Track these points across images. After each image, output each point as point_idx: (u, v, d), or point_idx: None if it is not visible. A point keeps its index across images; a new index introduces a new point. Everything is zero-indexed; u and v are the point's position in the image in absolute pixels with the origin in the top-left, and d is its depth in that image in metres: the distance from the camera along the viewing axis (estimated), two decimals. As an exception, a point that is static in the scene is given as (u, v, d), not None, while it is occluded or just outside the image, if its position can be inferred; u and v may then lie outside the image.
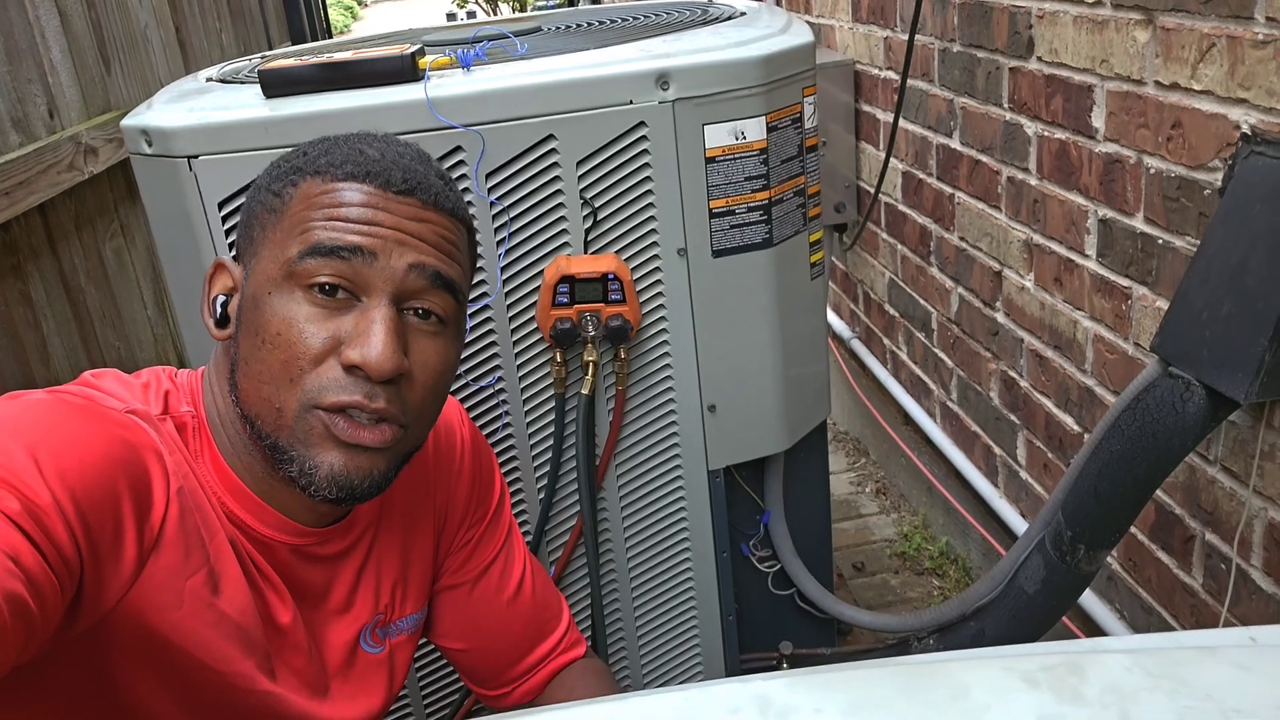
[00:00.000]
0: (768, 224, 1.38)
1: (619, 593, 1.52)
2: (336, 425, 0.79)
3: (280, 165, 0.85)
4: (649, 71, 1.28)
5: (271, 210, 0.82)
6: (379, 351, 0.77)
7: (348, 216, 0.79)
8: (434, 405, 0.86)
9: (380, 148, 0.83)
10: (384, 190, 0.80)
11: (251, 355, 0.80)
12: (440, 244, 0.83)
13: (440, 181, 0.84)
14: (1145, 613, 1.62)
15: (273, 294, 0.79)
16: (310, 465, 0.79)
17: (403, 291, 0.80)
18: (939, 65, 2.08)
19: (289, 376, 0.78)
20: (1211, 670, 0.50)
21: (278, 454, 0.80)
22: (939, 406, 2.33)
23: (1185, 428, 1.21)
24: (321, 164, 0.82)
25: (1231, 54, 1.25)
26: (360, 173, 0.80)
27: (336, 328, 0.79)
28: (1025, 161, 1.79)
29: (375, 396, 0.79)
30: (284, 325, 0.78)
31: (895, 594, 2.32)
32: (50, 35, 2.08)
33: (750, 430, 1.47)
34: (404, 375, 0.81)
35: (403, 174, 0.81)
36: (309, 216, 0.80)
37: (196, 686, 0.79)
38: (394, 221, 0.80)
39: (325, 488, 0.79)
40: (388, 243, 0.79)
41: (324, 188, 0.81)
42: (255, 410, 0.80)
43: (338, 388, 0.78)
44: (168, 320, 2.49)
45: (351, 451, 0.79)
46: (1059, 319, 1.75)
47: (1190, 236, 1.38)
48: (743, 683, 0.51)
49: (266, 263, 0.81)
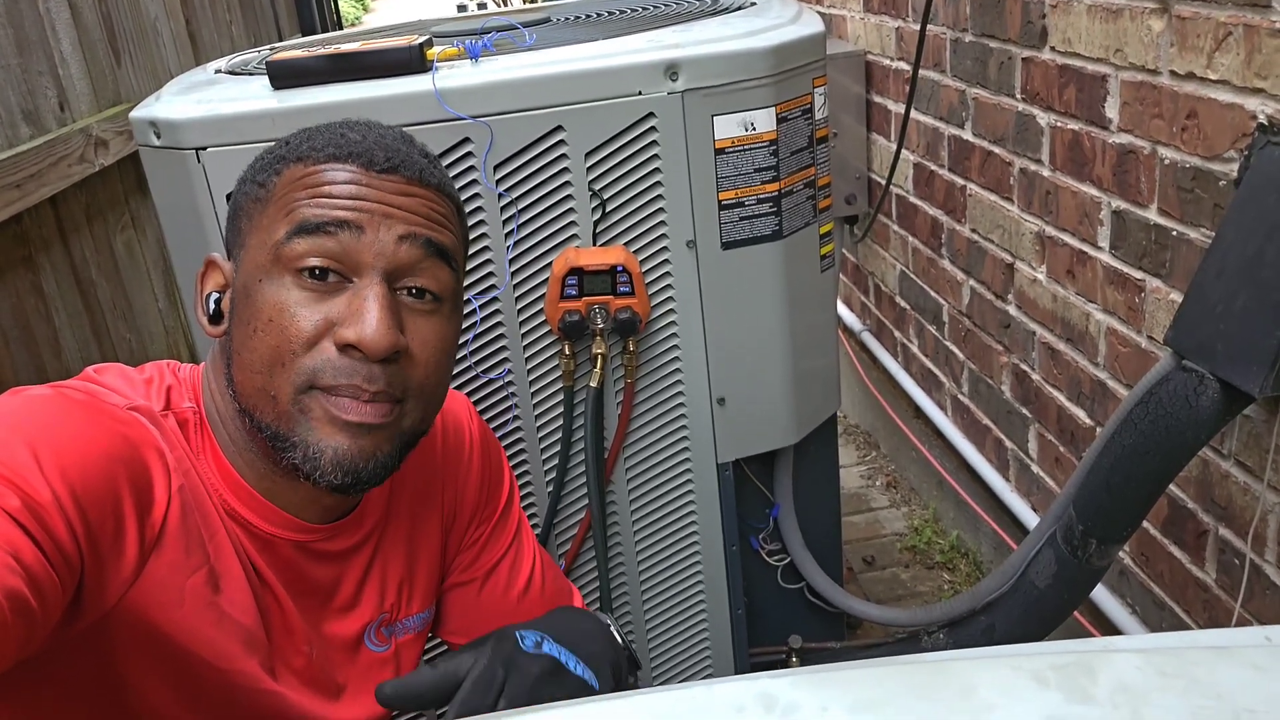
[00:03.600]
0: (777, 216, 1.37)
1: (628, 586, 1.52)
2: (336, 404, 0.77)
3: (264, 157, 0.84)
4: (658, 62, 1.27)
5: (257, 200, 0.82)
6: (373, 329, 0.76)
7: (332, 194, 0.79)
8: (437, 384, 0.85)
9: (362, 130, 0.83)
10: (367, 169, 0.80)
11: (244, 345, 0.79)
12: (430, 214, 0.82)
13: (424, 159, 0.84)
14: (1158, 608, 1.61)
15: (263, 281, 0.78)
16: (314, 450, 0.78)
17: (395, 267, 0.79)
18: (951, 55, 2.06)
19: (282, 361, 0.77)
20: (1225, 670, 0.49)
21: (279, 442, 0.79)
22: (950, 399, 2.32)
23: (1199, 422, 1.19)
24: (304, 150, 0.81)
25: (1248, 43, 1.24)
26: (343, 154, 0.80)
27: (329, 309, 0.78)
28: (1038, 153, 1.78)
29: (374, 379, 0.78)
30: (275, 311, 0.77)
31: (905, 588, 2.31)
32: (60, 27, 2.08)
33: (760, 423, 1.46)
34: (403, 354, 0.79)
35: (385, 153, 0.81)
36: (294, 198, 0.79)
37: (198, 684, 0.79)
38: (379, 196, 0.79)
39: (331, 472, 0.78)
40: (375, 217, 0.78)
41: (307, 170, 0.80)
42: (252, 401, 0.79)
43: (334, 370, 0.77)
44: (178, 312, 2.49)
45: (355, 432, 0.78)
46: (1071, 311, 1.74)
47: (1205, 228, 1.36)
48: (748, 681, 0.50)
49: (254, 250, 0.80)
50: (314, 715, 0.88)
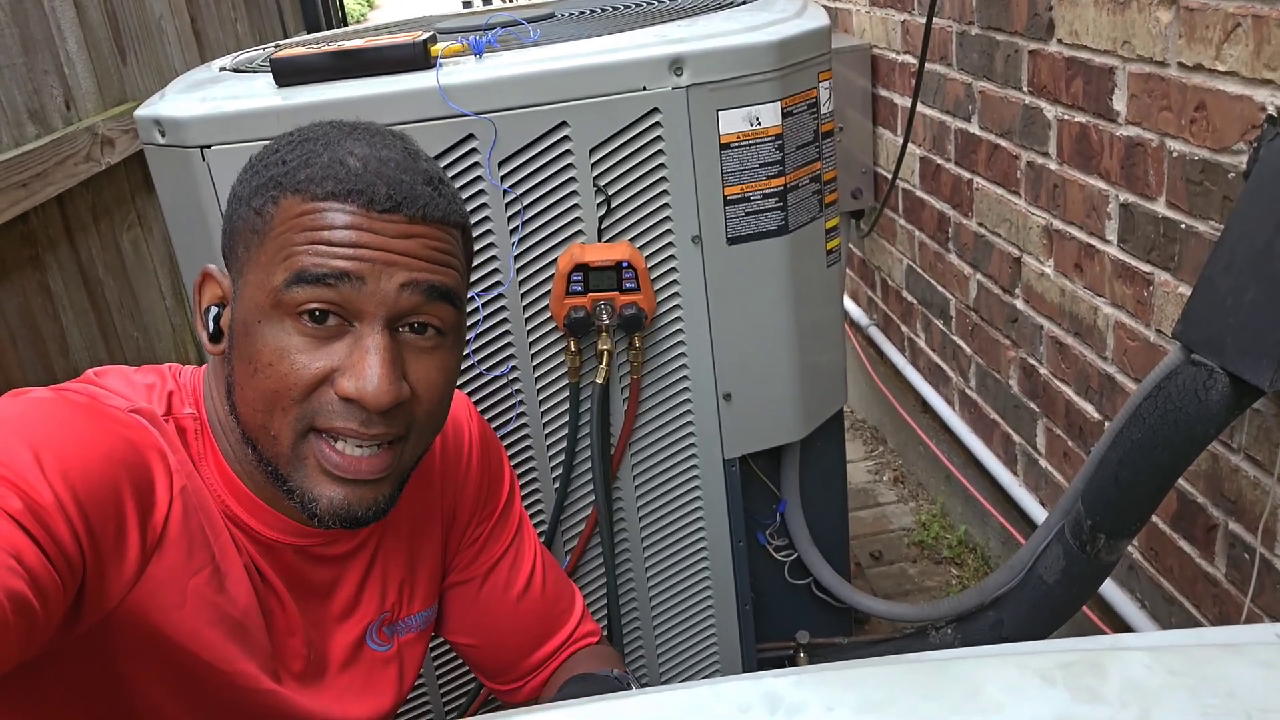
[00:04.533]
0: (783, 211, 1.36)
1: (635, 583, 1.52)
2: (330, 460, 0.77)
3: (259, 173, 0.80)
4: (662, 57, 1.26)
5: (254, 230, 0.78)
6: (375, 385, 0.75)
7: (331, 240, 0.75)
8: (440, 416, 0.84)
9: (363, 154, 0.77)
10: (367, 210, 0.75)
11: (246, 382, 0.78)
12: (432, 257, 0.78)
13: (428, 188, 0.79)
14: (1167, 603, 1.60)
15: (262, 322, 0.77)
16: (310, 498, 0.79)
17: (396, 313, 0.77)
18: (957, 48, 2.05)
19: (282, 406, 0.77)
20: (1235, 668, 0.48)
21: (279, 480, 0.80)
22: (957, 394, 2.31)
23: (1208, 416, 1.19)
24: (301, 179, 0.77)
25: (1257, 34, 1.23)
26: (342, 191, 0.75)
27: (330, 356, 0.76)
28: (1045, 146, 1.77)
29: (372, 424, 0.77)
30: (275, 356, 0.76)
31: (913, 583, 2.31)
32: (66, 26, 2.09)
33: (766, 419, 1.46)
34: (404, 398, 0.78)
35: (387, 188, 0.76)
36: (292, 240, 0.76)
37: (200, 685, 0.79)
38: (380, 242, 0.76)
39: (328, 519, 0.79)
40: (376, 265, 0.75)
41: (304, 208, 0.76)
42: (253, 434, 0.79)
43: (332, 412, 0.77)
44: (185, 310, 2.50)
45: (351, 485, 0.79)
46: (1079, 305, 1.73)
47: (1214, 221, 1.35)
48: (753, 680, 0.50)
49: (254, 288, 0.78)
50: (315, 715, 0.88)
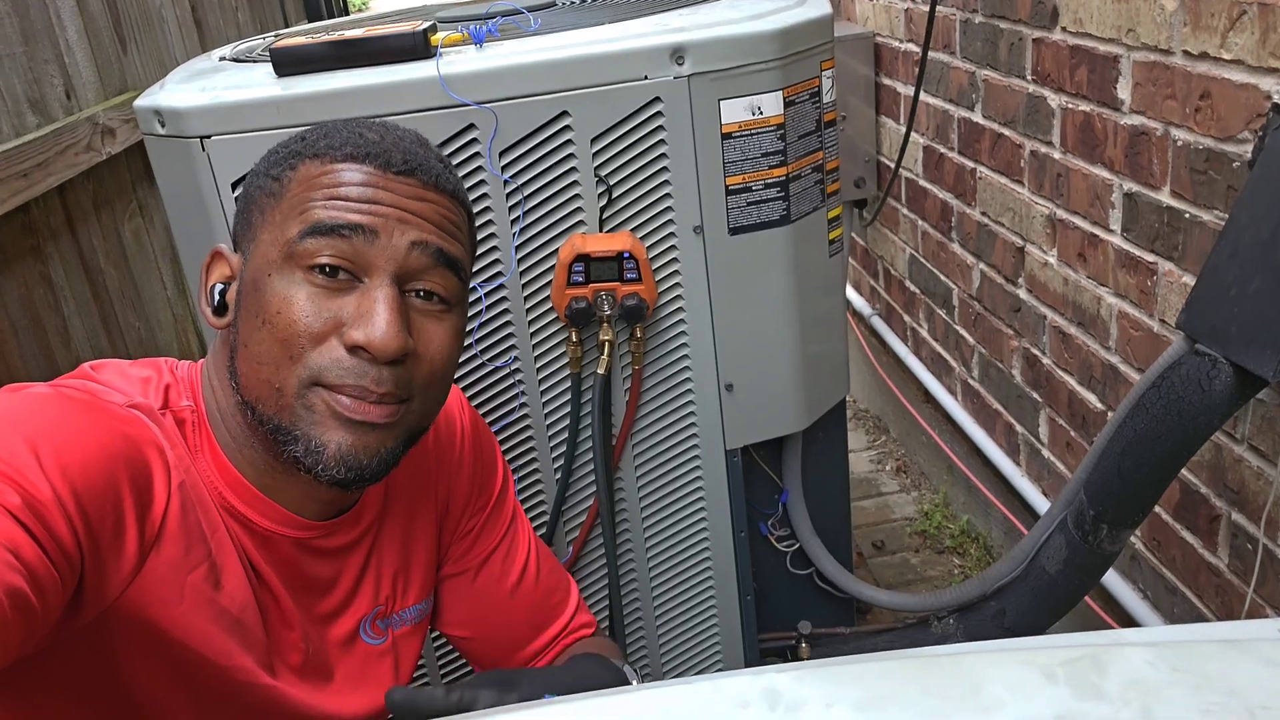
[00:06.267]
0: (785, 200, 1.36)
1: (636, 573, 1.52)
2: (341, 402, 0.77)
3: (278, 151, 0.84)
4: (664, 46, 1.26)
5: (270, 194, 0.81)
6: (383, 331, 0.76)
7: (348, 195, 0.79)
8: (442, 384, 0.85)
9: (379, 131, 0.83)
10: (384, 170, 0.80)
11: (251, 337, 0.79)
12: (442, 223, 0.82)
13: (440, 164, 0.84)
14: (1169, 593, 1.60)
15: (273, 275, 0.78)
16: (317, 444, 0.78)
17: (405, 271, 0.80)
18: (960, 37, 2.04)
19: (289, 355, 0.77)
20: (1238, 665, 0.48)
21: (281, 435, 0.79)
22: (960, 384, 2.31)
23: (1211, 406, 1.18)
24: (320, 147, 0.81)
25: (1263, 21, 1.22)
26: (360, 153, 0.80)
27: (338, 308, 0.78)
28: (1049, 135, 1.76)
29: (382, 381, 0.78)
30: (284, 304, 0.77)
31: (915, 573, 2.31)
32: (66, 15, 2.08)
33: (768, 409, 1.45)
34: (410, 355, 0.79)
35: (403, 155, 0.81)
36: (309, 197, 0.79)
37: (199, 680, 0.79)
38: (394, 200, 0.79)
39: (334, 467, 0.78)
40: (389, 221, 0.79)
41: (323, 169, 0.80)
42: (255, 393, 0.79)
43: (340, 369, 0.77)
44: (187, 300, 2.49)
45: (359, 430, 0.78)
46: (1082, 295, 1.72)
47: (1218, 210, 1.35)
48: (753, 675, 0.50)
49: (266, 246, 0.80)
50: (312, 709, 0.88)
